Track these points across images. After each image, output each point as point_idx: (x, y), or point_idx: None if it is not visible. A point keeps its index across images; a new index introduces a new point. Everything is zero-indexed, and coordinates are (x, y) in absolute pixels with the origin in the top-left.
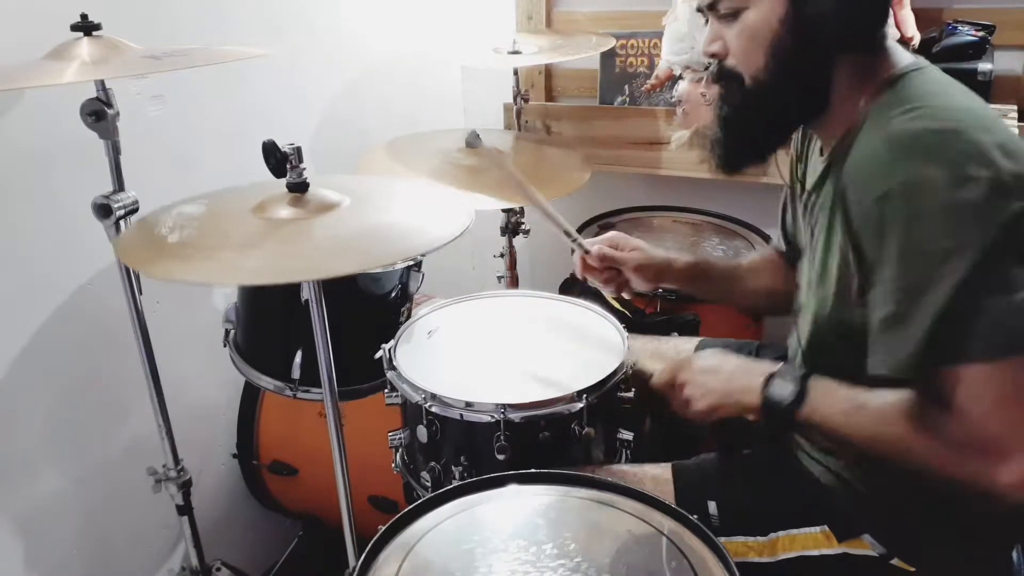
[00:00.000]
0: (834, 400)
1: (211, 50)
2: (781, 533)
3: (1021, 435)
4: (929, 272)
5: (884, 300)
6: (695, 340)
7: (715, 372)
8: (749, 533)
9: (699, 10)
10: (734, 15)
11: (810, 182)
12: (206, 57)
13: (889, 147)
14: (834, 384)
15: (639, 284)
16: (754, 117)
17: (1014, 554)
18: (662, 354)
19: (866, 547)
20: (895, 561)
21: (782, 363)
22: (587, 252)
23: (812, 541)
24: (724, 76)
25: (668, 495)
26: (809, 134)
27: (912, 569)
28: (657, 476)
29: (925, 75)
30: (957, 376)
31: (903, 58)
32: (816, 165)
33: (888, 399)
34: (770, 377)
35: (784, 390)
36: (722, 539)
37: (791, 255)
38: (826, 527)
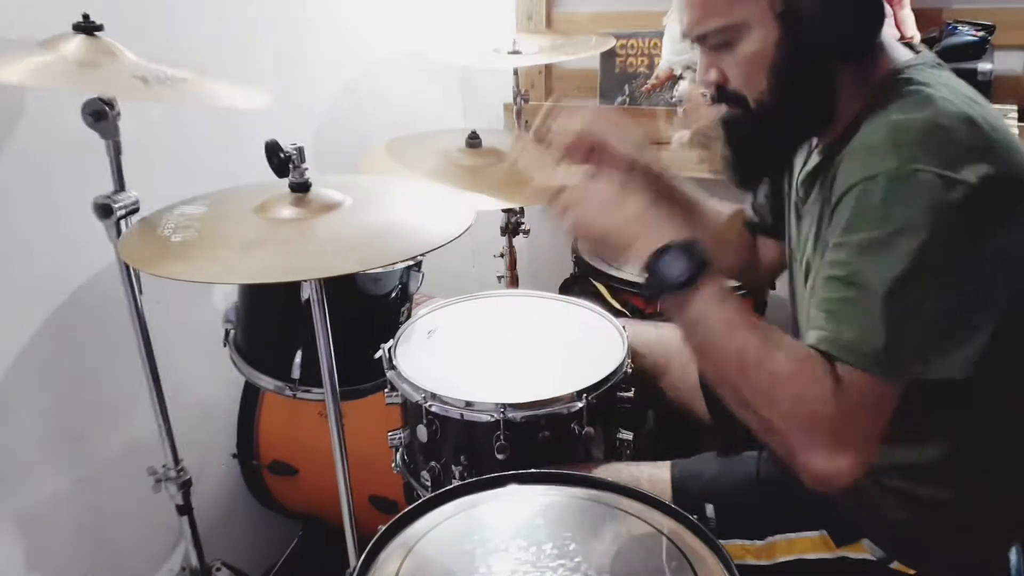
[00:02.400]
0: (723, 304)
1: (203, 87)
2: (779, 537)
3: (867, 439)
4: (883, 257)
5: (832, 267)
6: None
7: (613, 207)
8: (746, 536)
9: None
10: (726, 46)
11: (802, 177)
12: (194, 96)
13: (888, 133)
14: (729, 291)
15: (608, 163)
16: (764, 137)
17: (1012, 555)
18: (666, 342)
19: (864, 551)
20: (895, 565)
21: (689, 239)
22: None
23: (810, 545)
24: (727, 100)
25: (666, 494)
26: None
27: (912, 572)
28: (654, 475)
29: (926, 71)
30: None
31: (902, 54)
32: (810, 161)
33: (784, 338)
34: (665, 248)
35: (675, 269)
36: (719, 541)
37: (755, 227)
38: (824, 532)
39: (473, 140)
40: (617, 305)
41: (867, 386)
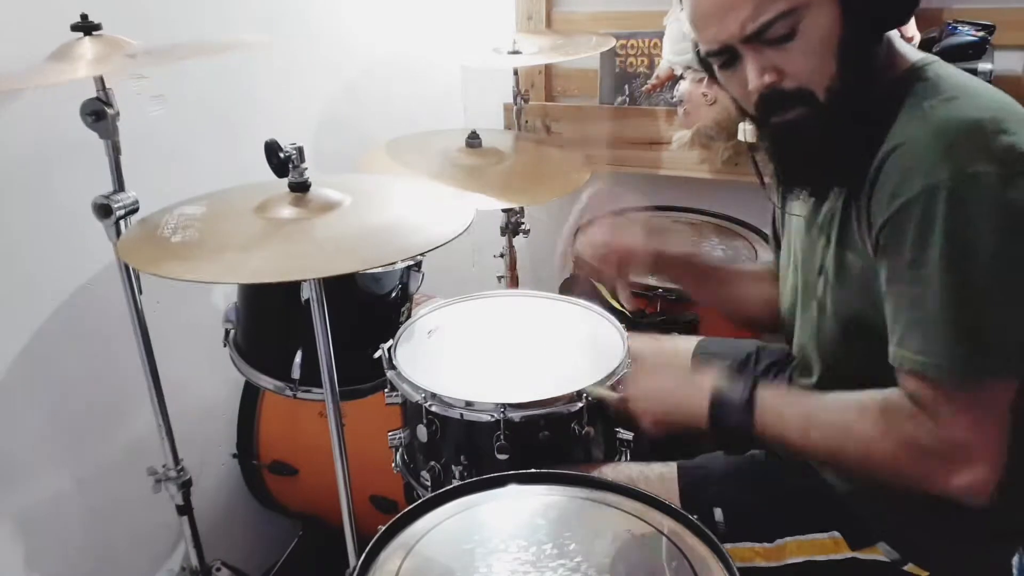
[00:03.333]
0: (789, 405)
1: (195, 46)
2: (789, 539)
3: (985, 445)
4: (966, 273)
5: (911, 295)
6: (695, 339)
7: (656, 389)
8: (756, 539)
9: (715, 55)
10: (788, 36)
11: None
12: (186, 52)
13: (935, 137)
14: (785, 390)
15: (636, 268)
16: (838, 127)
17: (1015, 559)
18: (662, 352)
19: (878, 553)
20: (908, 567)
21: (727, 373)
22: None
23: (821, 547)
24: (784, 103)
25: (674, 494)
26: None
27: (926, 574)
28: (664, 475)
29: (945, 66)
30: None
31: (911, 50)
32: None
33: (850, 401)
34: (716, 388)
35: (733, 396)
36: (728, 545)
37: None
38: (836, 533)
39: (473, 140)
40: (617, 305)
41: (961, 396)
